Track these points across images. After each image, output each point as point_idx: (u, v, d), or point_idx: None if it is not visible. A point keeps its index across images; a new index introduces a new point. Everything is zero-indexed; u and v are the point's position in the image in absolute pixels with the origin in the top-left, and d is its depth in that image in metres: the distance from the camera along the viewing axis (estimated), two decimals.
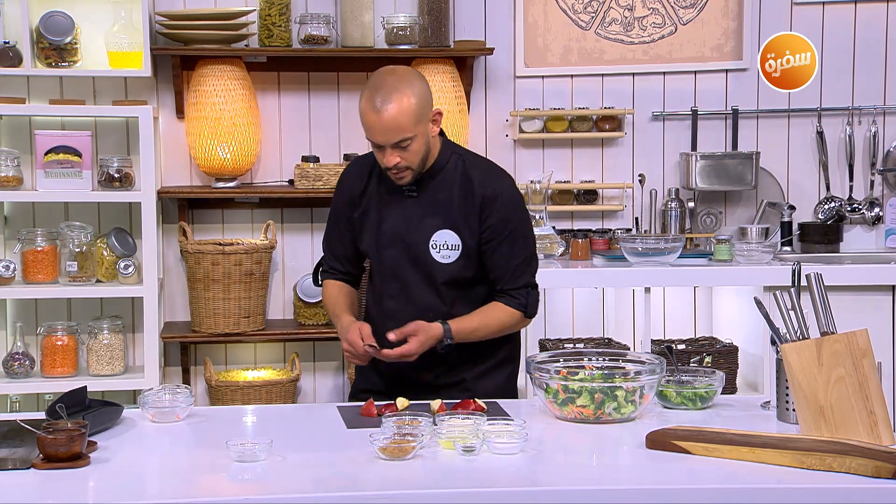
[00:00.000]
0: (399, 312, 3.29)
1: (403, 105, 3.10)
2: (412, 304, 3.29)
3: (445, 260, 3.26)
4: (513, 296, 3.30)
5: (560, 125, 5.16)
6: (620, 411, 2.87)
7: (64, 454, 2.52)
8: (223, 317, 4.79)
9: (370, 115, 3.11)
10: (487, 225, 3.25)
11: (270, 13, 4.87)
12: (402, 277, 3.30)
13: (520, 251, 3.30)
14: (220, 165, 4.84)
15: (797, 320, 2.77)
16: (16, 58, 4.68)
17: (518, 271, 3.30)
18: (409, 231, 3.28)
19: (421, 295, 3.29)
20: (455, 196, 3.26)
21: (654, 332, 5.02)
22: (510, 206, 3.28)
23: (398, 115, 3.09)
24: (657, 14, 5.21)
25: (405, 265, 3.29)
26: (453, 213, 3.26)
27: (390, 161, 3.15)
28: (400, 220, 3.29)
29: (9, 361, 4.70)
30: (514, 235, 3.28)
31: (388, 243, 3.31)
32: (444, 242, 3.26)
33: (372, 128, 3.13)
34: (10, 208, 4.89)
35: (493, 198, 3.25)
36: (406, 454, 2.56)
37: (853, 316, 3.15)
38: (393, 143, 3.12)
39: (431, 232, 3.26)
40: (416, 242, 3.27)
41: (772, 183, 5.25)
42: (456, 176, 3.28)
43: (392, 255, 3.30)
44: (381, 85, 3.12)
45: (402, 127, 3.11)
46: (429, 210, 3.27)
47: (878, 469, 2.43)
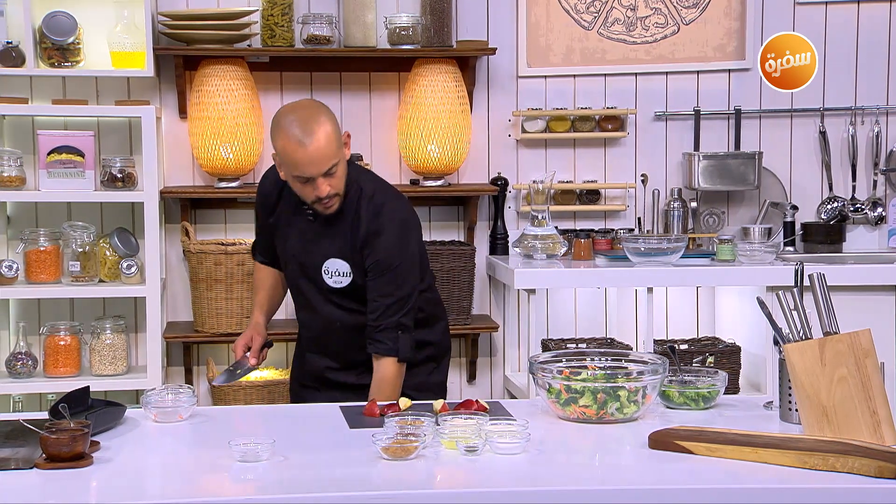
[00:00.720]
0: (309, 322, 3.51)
1: (324, 132, 3.17)
2: (319, 316, 3.45)
3: (337, 285, 3.37)
4: (381, 340, 3.32)
5: (562, 125, 5.16)
6: (623, 411, 2.87)
7: (67, 454, 2.52)
8: (226, 317, 4.79)
9: (298, 151, 3.16)
10: (368, 262, 3.32)
11: (273, 13, 4.87)
12: (304, 293, 3.46)
13: (394, 291, 3.32)
14: (223, 165, 4.84)
15: (800, 320, 2.77)
16: (18, 58, 4.68)
17: (389, 311, 3.32)
18: (305, 253, 3.40)
19: (322, 309, 3.43)
20: (348, 228, 3.33)
21: (657, 332, 5.02)
22: (390, 247, 3.32)
23: (325, 143, 3.16)
24: (659, 14, 5.21)
25: (305, 282, 3.43)
26: (344, 243, 3.34)
27: (323, 191, 3.21)
28: (298, 241, 3.41)
29: (12, 361, 4.70)
30: (390, 275, 3.32)
31: (288, 260, 3.46)
32: (335, 269, 3.37)
33: (301, 163, 3.17)
34: (12, 208, 4.90)
35: (374, 236, 3.31)
36: (409, 454, 2.56)
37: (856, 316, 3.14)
38: (323, 172, 3.18)
39: (324, 258, 3.37)
40: (311, 265, 3.40)
41: (774, 183, 5.24)
42: (351, 208, 3.34)
43: (293, 271, 3.46)
44: (296, 121, 3.18)
45: (328, 154, 3.18)
46: (323, 236, 3.37)
47: (880, 469, 2.43)
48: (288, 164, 3.21)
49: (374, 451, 2.59)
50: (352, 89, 5.08)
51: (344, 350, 3.45)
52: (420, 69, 4.92)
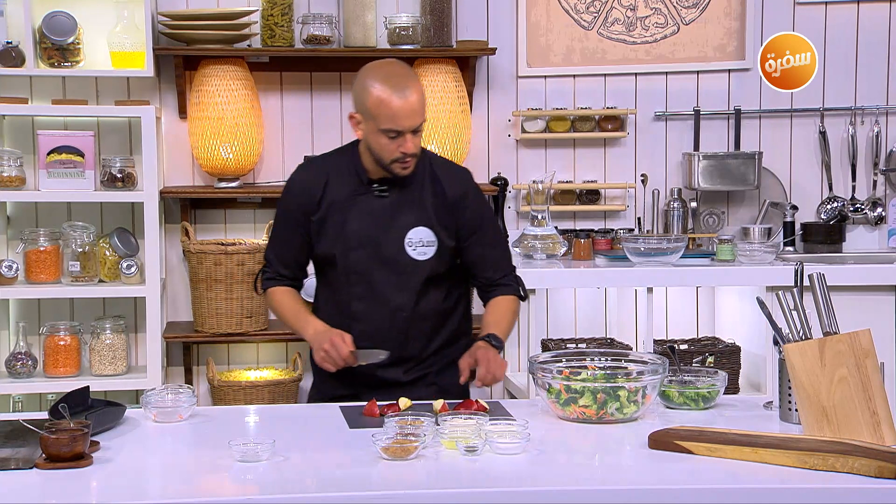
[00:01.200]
0: (367, 314, 3.34)
1: (420, 89, 3.22)
2: (381, 305, 3.33)
3: (422, 257, 3.31)
4: (506, 284, 3.41)
5: (562, 125, 5.16)
6: (623, 411, 2.87)
7: (66, 454, 2.52)
8: (225, 317, 4.79)
9: (395, 101, 3.17)
10: (465, 220, 3.32)
11: (273, 13, 4.87)
12: (371, 279, 3.33)
13: (498, 239, 3.43)
14: (223, 165, 4.84)
15: (800, 320, 2.77)
16: (18, 58, 4.68)
17: (503, 258, 3.42)
18: (381, 231, 3.31)
19: (390, 295, 3.32)
20: (426, 194, 3.32)
21: (657, 332, 5.02)
22: (480, 201, 3.41)
23: (420, 98, 3.21)
24: (659, 14, 5.21)
25: (375, 266, 3.32)
26: (426, 211, 3.31)
27: (409, 147, 3.20)
28: (369, 221, 3.31)
29: (11, 361, 4.70)
30: (490, 226, 3.41)
31: (356, 245, 3.32)
32: (419, 240, 3.31)
33: (398, 114, 3.17)
34: (12, 208, 4.90)
35: (464, 195, 3.34)
36: (408, 454, 2.56)
37: (856, 316, 3.14)
38: (415, 127, 3.19)
39: (406, 230, 3.30)
40: (389, 241, 3.30)
41: (774, 183, 5.24)
42: (424, 175, 3.33)
43: (360, 256, 3.32)
44: (394, 73, 3.23)
45: (422, 109, 3.21)
46: (402, 209, 3.31)
47: (880, 469, 2.43)
48: (382, 117, 3.17)
49: (373, 451, 2.59)
50: (352, 89, 5.06)
51: (400, 343, 3.33)
52: (420, 69, 4.92)
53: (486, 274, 3.39)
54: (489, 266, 3.38)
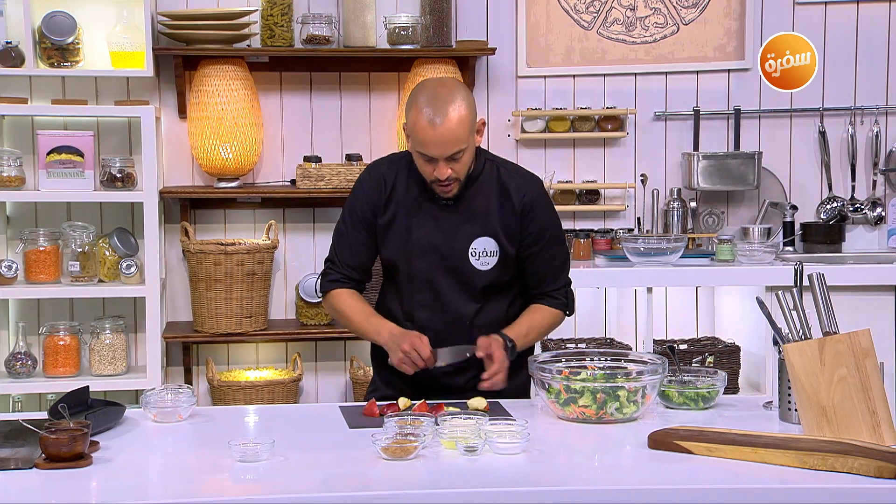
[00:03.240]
0: (431, 322, 3.26)
1: (457, 116, 3.07)
2: (445, 313, 3.26)
3: (484, 267, 3.24)
4: (554, 296, 3.34)
5: (562, 125, 5.16)
6: (622, 411, 2.87)
7: (66, 454, 2.52)
8: (225, 317, 4.79)
9: (427, 129, 3.07)
10: (529, 231, 3.25)
11: (272, 13, 4.87)
12: (436, 287, 3.26)
13: (558, 253, 3.35)
14: (223, 165, 4.84)
15: (799, 320, 2.77)
16: (18, 58, 4.68)
17: (558, 273, 3.35)
18: (446, 240, 3.24)
19: (455, 304, 3.26)
20: (493, 203, 3.25)
21: (657, 332, 5.02)
22: (547, 211, 3.31)
23: (455, 128, 3.07)
24: (659, 14, 5.21)
25: (440, 274, 3.25)
26: (492, 221, 3.24)
27: (443, 174, 3.12)
28: (434, 228, 3.24)
29: (11, 361, 4.70)
30: (553, 239, 3.31)
31: (420, 252, 3.25)
32: (483, 250, 3.24)
33: (428, 142, 3.09)
34: (12, 208, 4.90)
35: (532, 204, 3.26)
36: (408, 454, 2.56)
37: (855, 316, 3.14)
38: (448, 155, 3.10)
39: (471, 240, 3.24)
40: (454, 251, 3.24)
41: (774, 183, 5.24)
42: (492, 183, 3.26)
43: (425, 264, 3.25)
44: (435, 98, 3.09)
45: (458, 139, 3.09)
46: (467, 218, 3.24)
47: (880, 469, 2.43)
48: (415, 141, 3.13)
49: (373, 451, 2.59)
50: (351, 89, 5.08)
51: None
52: (420, 69, 4.92)
53: (541, 285, 3.32)
54: (545, 278, 3.32)
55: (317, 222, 5.10)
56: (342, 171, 4.85)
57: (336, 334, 4.90)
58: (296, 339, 5.00)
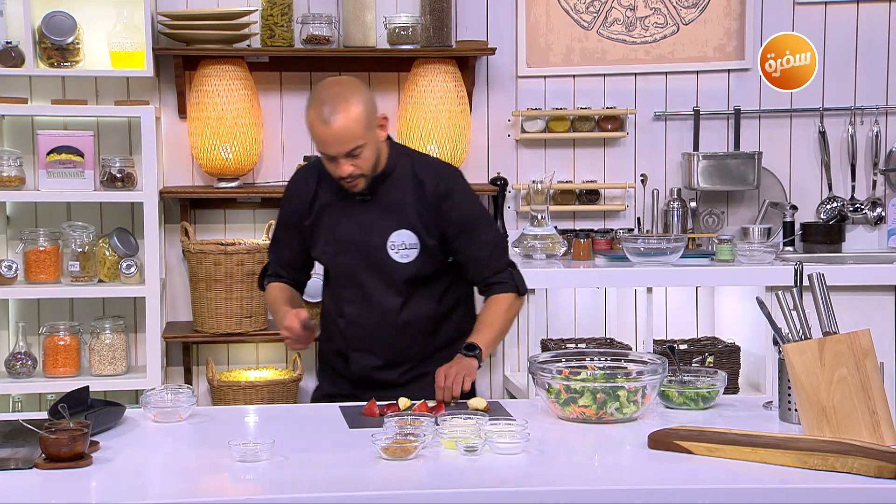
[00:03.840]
0: (360, 317, 3.36)
1: (352, 114, 3.13)
2: (372, 308, 3.35)
3: (404, 259, 3.31)
4: (500, 281, 3.37)
5: (562, 125, 5.16)
6: (622, 411, 2.87)
7: (66, 454, 2.52)
8: (225, 317, 4.79)
9: (320, 128, 3.14)
10: (450, 221, 3.30)
11: (272, 13, 4.87)
12: (360, 282, 3.35)
13: (489, 238, 3.37)
14: (222, 165, 4.84)
15: (799, 320, 2.77)
16: (18, 58, 4.68)
17: (494, 257, 3.37)
18: (365, 235, 3.32)
19: (380, 298, 3.34)
20: (408, 196, 3.31)
21: (656, 332, 5.02)
22: (465, 199, 3.36)
23: (348, 124, 3.13)
24: (659, 14, 5.21)
25: (362, 270, 3.34)
26: (408, 213, 3.30)
27: (344, 171, 3.19)
28: (353, 225, 3.33)
29: (11, 361, 4.70)
30: (478, 226, 3.35)
31: (343, 249, 3.35)
32: (401, 242, 3.31)
33: (323, 140, 3.15)
34: (12, 208, 4.90)
35: (447, 194, 3.31)
36: (408, 454, 2.56)
37: (855, 316, 3.14)
38: (345, 152, 3.15)
39: (388, 233, 3.30)
40: (373, 245, 3.31)
41: (774, 183, 5.24)
42: (406, 177, 3.32)
43: (348, 260, 3.35)
44: (327, 97, 3.15)
45: (354, 135, 3.14)
46: (383, 212, 3.31)
47: (880, 469, 2.43)
48: (313, 140, 3.20)
49: (373, 451, 2.59)
50: None
51: (393, 345, 3.35)
52: (419, 69, 4.92)
53: (481, 273, 3.37)
54: (482, 265, 3.36)
55: None
56: None
57: None
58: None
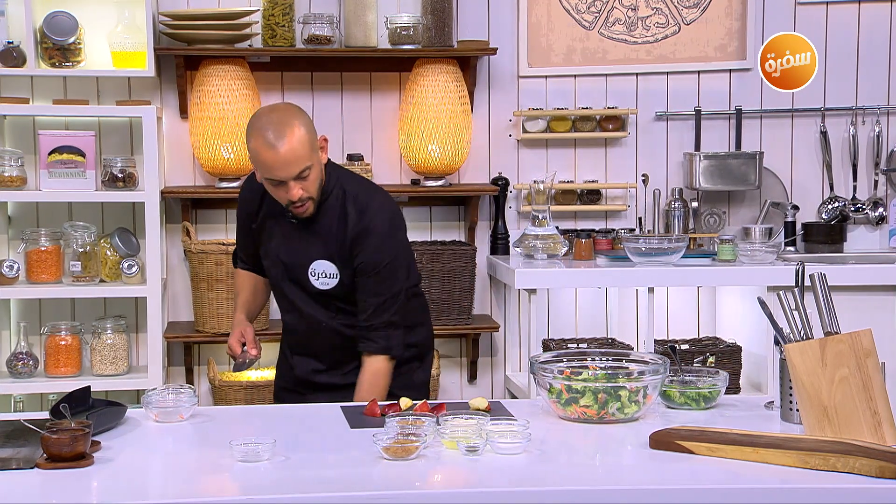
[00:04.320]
0: (296, 324, 3.48)
1: (296, 136, 3.16)
2: (303, 318, 3.43)
3: (324, 287, 3.35)
4: (372, 339, 3.34)
5: (563, 125, 5.16)
6: (624, 411, 2.87)
7: (67, 454, 2.52)
8: (227, 316, 4.79)
9: (268, 154, 3.15)
10: (358, 262, 3.31)
11: (274, 13, 4.87)
12: (287, 294, 3.43)
13: (385, 290, 3.33)
14: (224, 165, 4.84)
15: (801, 320, 2.77)
16: (19, 58, 4.69)
17: (380, 310, 3.32)
18: (290, 256, 3.37)
19: (308, 310, 3.41)
20: (333, 228, 3.32)
21: (658, 332, 5.02)
22: (380, 245, 3.31)
23: (294, 146, 3.15)
24: (660, 14, 5.21)
25: (287, 285, 3.41)
26: (330, 245, 3.33)
27: (294, 195, 3.21)
28: (281, 243, 3.39)
29: (13, 361, 4.70)
30: (381, 274, 3.32)
31: (272, 263, 3.43)
32: (322, 271, 3.35)
33: (272, 165, 3.17)
34: (13, 208, 4.90)
35: (364, 235, 3.30)
36: (409, 454, 2.56)
37: (857, 316, 3.14)
38: (294, 175, 3.17)
39: (310, 260, 3.35)
40: (296, 268, 3.37)
41: (775, 183, 5.24)
42: (336, 207, 3.33)
43: (276, 273, 3.43)
44: (268, 123, 3.17)
45: (300, 157, 3.16)
46: (310, 240, 3.34)
47: (881, 469, 2.43)
48: (260, 167, 3.21)
49: (375, 451, 2.59)
50: (352, 89, 5.08)
51: (330, 350, 3.44)
52: (421, 69, 4.92)
53: (360, 317, 3.34)
54: (364, 310, 3.33)
55: None
56: None
57: None
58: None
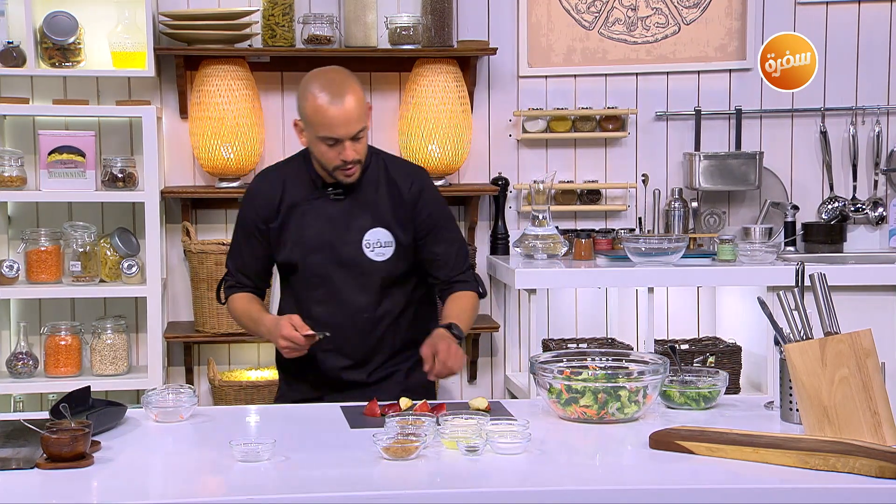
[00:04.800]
0: (328, 317, 3.34)
1: (357, 95, 3.20)
2: (342, 307, 3.34)
3: (380, 258, 3.32)
4: (464, 280, 3.41)
5: (563, 125, 5.16)
6: (624, 411, 2.87)
7: (67, 454, 2.52)
8: (226, 317, 4.78)
9: (331, 110, 3.16)
10: (423, 217, 3.34)
11: (274, 13, 4.87)
12: (331, 281, 3.34)
13: (456, 237, 3.43)
14: (224, 165, 4.84)
15: (801, 320, 2.77)
16: (19, 58, 4.69)
17: (460, 255, 3.41)
18: (339, 234, 3.32)
19: (351, 297, 3.34)
20: (382, 195, 3.33)
21: (658, 332, 5.02)
22: (437, 198, 3.42)
23: (357, 106, 3.18)
24: (660, 14, 5.21)
25: (335, 269, 3.34)
26: (382, 211, 3.32)
27: (349, 155, 3.20)
28: (327, 224, 3.33)
29: (12, 361, 4.70)
30: (448, 224, 3.41)
31: (314, 249, 3.34)
32: (377, 241, 3.32)
33: (333, 122, 3.17)
34: (13, 208, 4.90)
35: (422, 191, 3.36)
36: (409, 454, 2.56)
37: (857, 316, 3.14)
38: (352, 134, 3.17)
39: (363, 232, 3.32)
40: (347, 244, 3.32)
41: (775, 183, 5.24)
42: (379, 176, 3.35)
43: (319, 260, 3.34)
44: (331, 81, 3.21)
45: (360, 116, 3.19)
46: (357, 211, 3.32)
47: (881, 469, 2.43)
48: (318, 125, 3.19)
49: (375, 451, 2.59)
50: None
51: (362, 345, 3.36)
52: (421, 69, 4.92)
53: (443, 272, 3.39)
54: (445, 264, 3.39)
55: None
56: None
57: None
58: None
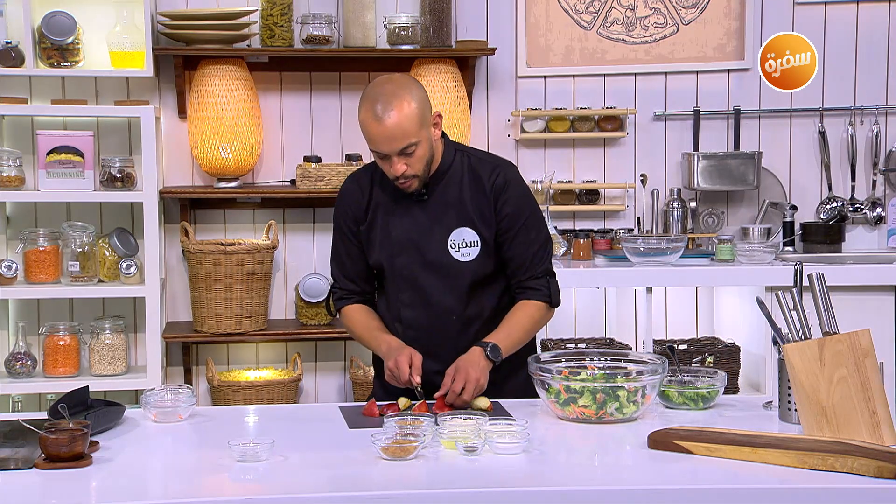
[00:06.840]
0: (417, 320, 3.26)
1: (405, 111, 3.06)
2: (431, 310, 3.25)
3: (466, 258, 3.23)
4: (535, 287, 3.27)
5: (562, 125, 5.16)
6: (622, 411, 2.87)
7: (66, 454, 2.52)
8: (225, 317, 4.79)
9: (373, 125, 3.07)
10: (503, 214, 3.22)
11: (272, 13, 4.87)
12: (419, 284, 3.25)
13: (536, 238, 3.27)
14: (222, 165, 4.84)
15: (799, 320, 2.77)
16: (18, 58, 4.69)
17: (537, 259, 3.26)
18: (424, 235, 3.24)
19: (439, 299, 3.24)
20: (465, 192, 3.24)
21: (656, 332, 5.02)
22: (522, 194, 3.27)
23: (401, 122, 3.06)
24: (659, 14, 5.21)
25: (420, 271, 3.25)
26: (467, 210, 3.23)
27: (397, 170, 3.11)
28: (412, 226, 3.25)
29: (11, 361, 4.70)
30: (529, 223, 3.25)
31: (400, 251, 3.26)
32: (462, 240, 3.23)
33: (376, 138, 3.08)
34: (12, 208, 4.90)
35: (503, 186, 3.23)
36: (408, 454, 2.56)
37: (855, 316, 3.14)
38: (398, 150, 3.09)
39: (448, 232, 3.23)
40: (433, 245, 3.23)
41: (774, 183, 5.24)
42: (462, 174, 3.25)
43: (405, 262, 3.25)
44: (380, 94, 3.08)
45: (406, 133, 3.07)
46: (442, 211, 3.24)
47: (880, 469, 2.43)
48: (366, 138, 3.13)
49: (373, 451, 2.59)
50: (351, 89, 5.08)
51: (451, 347, 3.23)
52: (419, 69, 4.93)
53: (518, 274, 3.27)
54: (522, 266, 3.26)
55: (317, 222, 5.10)
56: (342, 171, 4.85)
57: (336, 334, 4.90)
58: (295, 339, 5.00)
